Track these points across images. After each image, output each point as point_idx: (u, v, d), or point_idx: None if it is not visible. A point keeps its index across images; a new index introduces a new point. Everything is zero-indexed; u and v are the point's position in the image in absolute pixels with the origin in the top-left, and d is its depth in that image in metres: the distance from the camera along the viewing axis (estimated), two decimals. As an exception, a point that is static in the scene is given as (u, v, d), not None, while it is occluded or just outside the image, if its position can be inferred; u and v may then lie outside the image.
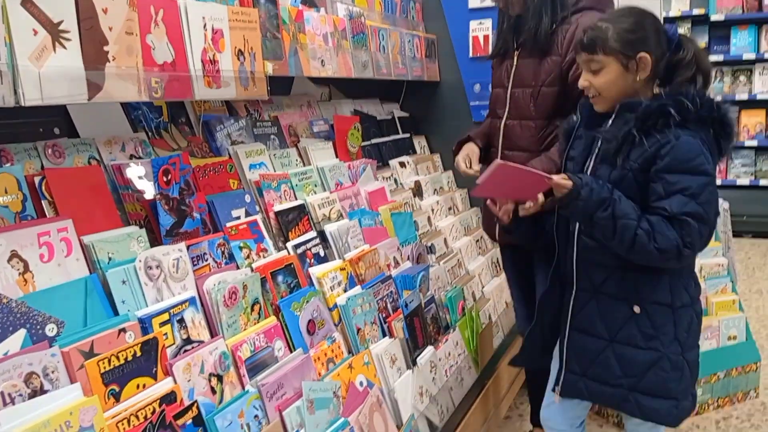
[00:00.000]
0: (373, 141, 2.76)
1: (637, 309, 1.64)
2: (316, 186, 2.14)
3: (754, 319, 3.86)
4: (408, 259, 2.33)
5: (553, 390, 1.83)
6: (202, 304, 1.47)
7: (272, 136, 2.14)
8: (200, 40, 1.54)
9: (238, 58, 1.66)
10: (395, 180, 2.73)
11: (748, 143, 5.98)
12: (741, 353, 2.80)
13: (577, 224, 1.70)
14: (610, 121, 1.64)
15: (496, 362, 2.46)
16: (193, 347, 1.38)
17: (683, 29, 6.36)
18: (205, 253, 1.55)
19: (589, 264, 1.69)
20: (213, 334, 1.47)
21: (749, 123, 6.01)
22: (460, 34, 3.09)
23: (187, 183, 1.57)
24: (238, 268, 1.65)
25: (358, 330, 1.84)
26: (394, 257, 2.25)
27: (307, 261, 1.88)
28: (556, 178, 1.59)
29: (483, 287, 2.77)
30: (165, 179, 1.50)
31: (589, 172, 1.66)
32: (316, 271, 1.85)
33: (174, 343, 1.35)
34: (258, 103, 2.21)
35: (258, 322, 1.58)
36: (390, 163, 2.77)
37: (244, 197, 1.80)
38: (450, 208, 2.99)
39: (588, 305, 1.71)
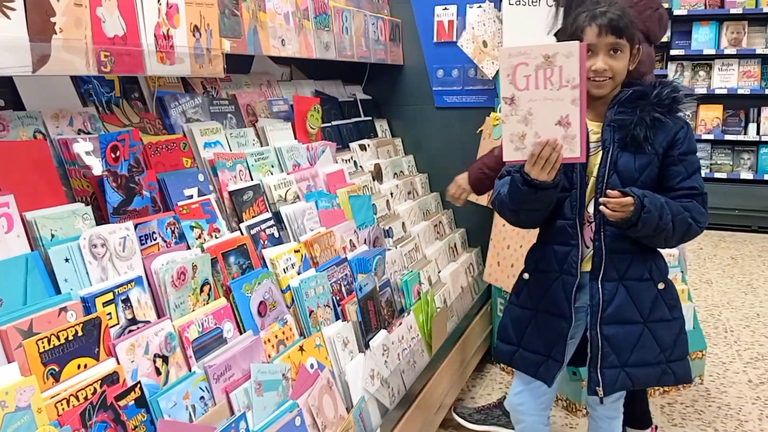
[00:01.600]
0: (334, 123, 2.74)
1: (661, 285, 1.75)
2: (272, 167, 2.12)
3: (703, 308, 3.97)
4: (365, 242, 2.34)
5: (593, 393, 1.77)
6: (150, 285, 1.45)
7: (229, 115, 2.11)
8: (154, 14, 1.50)
9: (194, 35, 1.62)
10: (355, 163, 2.72)
11: (705, 137, 6.12)
12: (688, 341, 2.88)
13: (599, 218, 1.69)
14: (615, 109, 1.68)
15: (449, 346, 2.49)
16: (138, 328, 1.36)
17: (647, 22, 6.44)
18: (153, 232, 1.52)
19: (614, 254, 1.72)
20: (160, 314, 1.45)
21: (707, 117, 6.14)
22: (424, 19, 3.08)
23: (137, 160, 1.54)
24: (188, 248, 1.63)
25: (311, 312, 1.84)
26: (351, 240, 2.25)
27: (260, 242, 1.87)
28: (614, 195, 1.61)
29: (439, 272, 2.79)
30: (113, 156, 1.46)
31: (608, 162, 1.67)
32: (269, 252, 1.84)
33: (118, 324, 1.33)
34: (216, 81, 2.17)
35: (207, 303, 1.57)
36: (350, 145, 2.76)
37: (197, 176, 1.77)
38: (409, 193, 2.99)
39: (617, 295, 1.72)
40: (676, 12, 6.15)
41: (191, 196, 1.74)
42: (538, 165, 1.56)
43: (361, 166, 2.75)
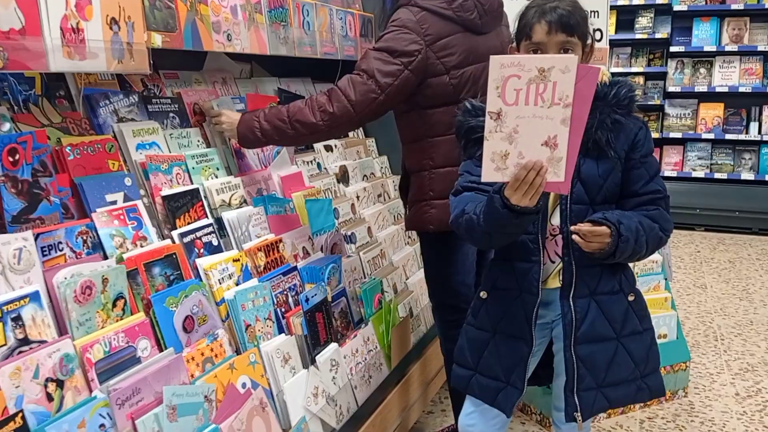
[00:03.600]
0: (297, 122, 2.60)
1: (631, 297, 1.65)
2: (218, 170, 2.00)
3: (695, 315, 3.82)
4: (321, 249, 2.21)
5: (572, 419, 1.63)
6: (52, 300, 1.33)
7: (171, 115, 1.99)
8: (60, 6, 1.37)
9: (111, 28, 1.50)
10: (319, 165, 2.59)
11: (705, 136, 5.95)
12: (671, 352, 2.74)
13: (567, 231, 1.55)
14: None
15: (413, 359, 2.36)
16: (31, 348, 1.24)
17: (646, 19, 6.29)
18: (60, 243, 1.40)
19: (584, 268, 1.59)
20: (63, 333, 1.33)
21: (707, 116, 5.97)
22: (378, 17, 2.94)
23: (43, 163, 1.42)
24: (106, 258, 1.51)
25: (248, 327, 1.71)
26: (304, 247, 2.12)
27: (195, 251, 1.74)
28: (585, 228, 1.49)
29: (407, 279, 2.66)
30: (11, 159, 1.34)
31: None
32: (203, 262, 1.71)
33: (6, 344, 1.21)
34: (159, 78, 2.05)
35: (122, 319, 1.45)
36: (315, 146, 2.63)
37: (123, 180, 1.65)
38: (379, 195, 2.86)
39: (589, 312, 1.60)
40: (676, 8, 5.98)
41: (115, 202, 1.62)
42: (521, 190, 1.40)
43: (325, 168, 2.62)
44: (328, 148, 2.69)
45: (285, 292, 1.91)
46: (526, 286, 1.62)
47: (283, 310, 1.88)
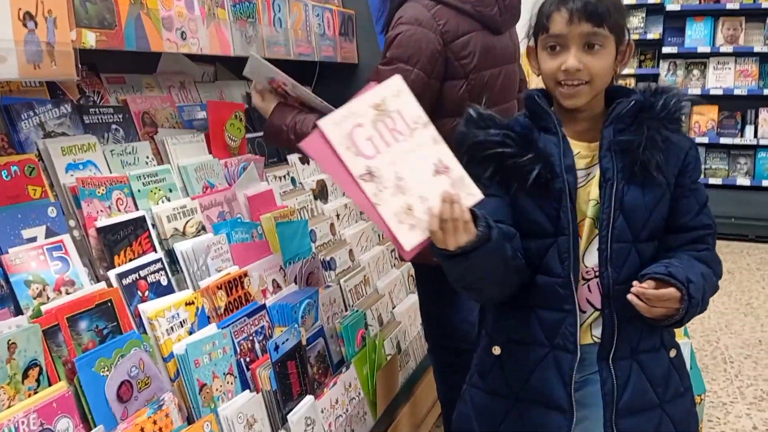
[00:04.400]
0: (268, 132, 2.30)
1: (673, 352, 1.39)
2: (171, 191, 1.69)
3: (699, 333, 3.58)
4: (295, 280, 1.91)
5: None
6: (-64, 376, 1.03)
7: (114, 127, 1.68)
8: (-51, -7, 1.07)
9: (25, 25, 1.19)
10: (293, 180, 2.30)
11: (699, 140, 5.72)
12: (684, 386, 2.47)
13: (608, 276, 1.28)
14: (615, 126, 1.28)
15: (401, 403, 2.08)
16: None
17: (637, 18, 6.06)
18: (-50, 299, 1.10)
19: (626, 322, 1.30)
20: (-50, 418, 1.03)
21: (701, 119, 5.75)
22: (376, 12, 2.65)
23: (-70, 197, 1.11)
24: (19, 313, 1.20)
25: (202, 387, 1.41)
26: (274, 280, 1.82)
27: (138, 295, 1.44)
28: (651, 291, 1.19)
29: (394, 308, 2.37)
30: None
31: (613, 200, 1.26)
32: (146, 308, 1.41)
33: None
34: (100, 83, 1.74)
35: (36, 393, 1.14)
36: (288, 158, 2.33)
37: (46, 210, 1.35)
38: (362, 213, 2.57)
39: (632, 376, 1.31)
40: (669, 7, 5.75)
41: (34, 239, 1.31)
42: (448, 233, 1.15)
43: (300, 183, 2.32)
44: (304, 160, 2.40)
45: (251, 338, 1.61)
46: (559, 342, 1.31)
47: (248, 360, 1.58)
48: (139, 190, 1.60)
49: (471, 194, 1.19)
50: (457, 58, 1.78)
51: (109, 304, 1.34)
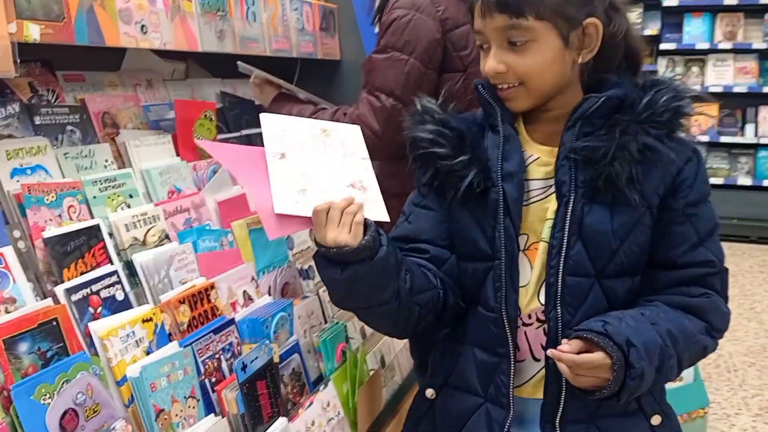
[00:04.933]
0: (244, 132, 2.18)
1: (657, 419, 1.11)
2: (132, 197, 1.57)
3: (700, 340, 3.46)
4: (268, 292, 1.79)
5: None
6: None
7: (70, 128, 1.55)
8: None
9: (-52, 13, 1.07)
10: (271, 183, 2.17)
11: (700, 138, 5.61)
12: (688, 398, 2.36)
13: (555, 315, 1.05)
14: (578, 129, 1.06)
15: (383, 419, 1.95)
16: None
17: (635, 14, 5.94)
18: None
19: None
20: None
21: (700, 117, 5.61)
22: (362, 3, 2.53)
23: None
24: (-55, 335, 1.08)
25: (159, 413, 1.29)
26: (245, 292, 1.70)
27: (89, 312, 1.31)
28: (568, 355, 0.96)
29: (379, 318, 2.24)
30: None
31: (569, 221, 1.03)
32: (97, 327, 1.28)
33: None
34: (55, 80, 1.61)
35: (-39, 427, 1.02)
36: (266, 160, 2.21)
37: (-17, 221, 1.22)
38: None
39: None
40: (666, 2, 5.65)
41: (-31, 252, 1.18)
42: (330, 223, 1.02)
43: (279, 187, 2.20)
44: (283, 163, 2.27)
45: (217, 357, 1.49)
46: (491, 393, 1.11)
47: (214, 380, 1.46)
48: (94, 197, 1.47)
49: (377, 213, 1.10)
50: (455, 49, 1.67)
51: (55, 323, 1.22)
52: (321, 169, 1.12)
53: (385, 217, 1.09)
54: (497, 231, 1.07)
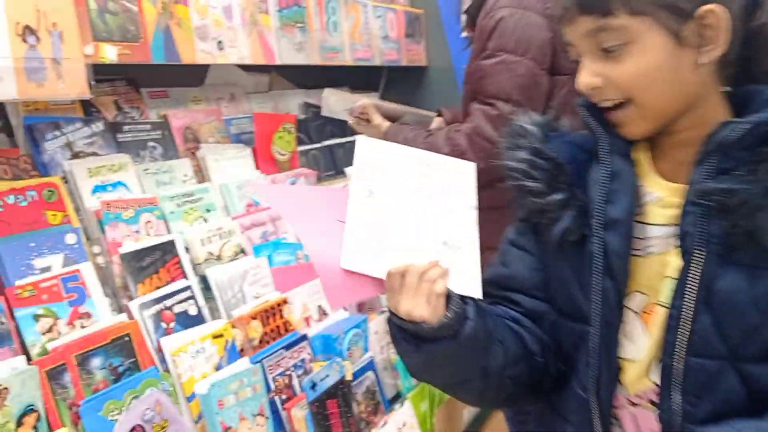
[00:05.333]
0: (326, 143, 2.17)
1: None
2: (209, 211, 1.59)
3: None
4: (344, 306, 1.76)
5: None
6: None
7: (152, 144, 1.59)
8: (-62, 10, 1.00)
9: (25, 40, 1.11)
10: (352, 193, 2.15)
11: None
12: None
13: (670, 401, 0.82)
14: (711, 164, 0.80)
15: (464, 441, 1.88)
16: None
17: None
18: (-60, 340, 1.02)
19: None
20: (-68, 472, 0.95)
21: None
22: (450, 8, 2.47)
23: None
24: (24, 351, 1.12)
25: (227, 430, 1.29)
26: (320, 306, 1.68)
27: (162, 327, 1.33)
28: None
29: (462, 333, 2.17)
30: None
31: (698, 286, 0.80)
32: (168, 343, 1.30)
33: None
34: (140, 98, 1.66)
35: (32, 441, 1.05)
36: (346, 171, 2.19)
37: (63, 238, 1.26)
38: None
39: None
40: None
41: (49, 268, 1.23)
42: (405, 290, 0.83)
43: (360, 198, 2.17)
44: (365, 173, 2.25)
45: (288, 373, 1.48)
46: None
47: (284, 398, 1.45)
48: (171, 212, 1.50)
49: (467, 286, 0.88)
50: (563, 50, 1.58)
51: (127, 338, 1.24)
52: (412, 216, 0.91)
53: (477, 293, 0.88)
54: (593, 290, 0.86)
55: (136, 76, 1.67)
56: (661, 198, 0.85)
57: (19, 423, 1.04)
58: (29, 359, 1.11)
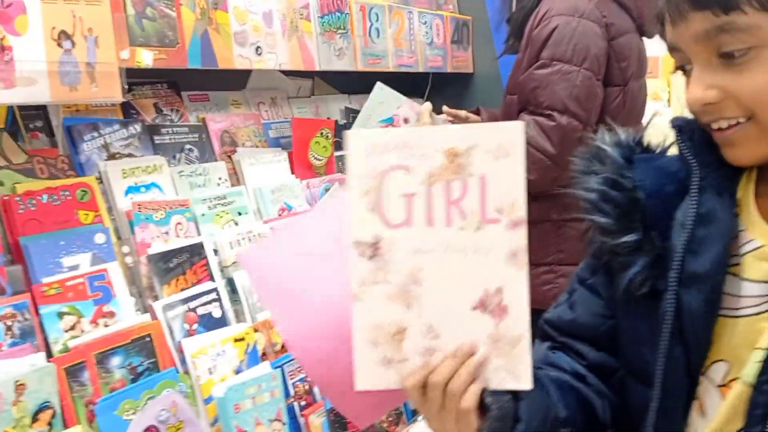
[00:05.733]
0: (366, 149, 2.16)
1: None
2: (240, 215, 1.60)
3: None
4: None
5: None
6: (-61, 415, 0.99)
7: (188, 147, 1.62)
8: (-25, 16, 1.04)
9: (60, 44, 1.14)
10: (390, 200, 2.14)
11: None
12: None
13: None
14: None
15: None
16: None
17: None
18: (-35, 333, 1.06)
19: None
20: (-50, 460, 0.98)
21: None
22: (497, 14, 2.42)
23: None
24: (46, 348, 1.15)
25: (242, 435, 1.30)
26: (347, 314, 1.67)
27: (185, 329, 1.35)
28: None
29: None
30: None
31: None
32: (190, 344, 1.32)
33: None
34: (180, 101, 1.69)
35: (48, 436, 1.08)
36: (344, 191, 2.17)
37: (92, 237, 1.30)
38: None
39: None
40: None
41: (77, 267, 1.26)
42: (432, 405, 0.70)
43: (398, 205, 2.16)
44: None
45: (309, 380, 1.48)
46: None
47: (303, 403, 1.45)
48: (203, 214, 1.52)
49: (513, 375, 0.70)
50: (617, 59, 1.53)
51: (148, 338, 1.27)
52: (434, 272, 0.71)
53: (526, 384, 0.71)
54: (660, 358, 0.71)
55: (179, 79, 1.70)
56: (762, 247, 0.69)
57: (35, 419, 1.07)
58: (51, 356, 1.15)
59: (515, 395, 0.72)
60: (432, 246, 0.71)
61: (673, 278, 0.70)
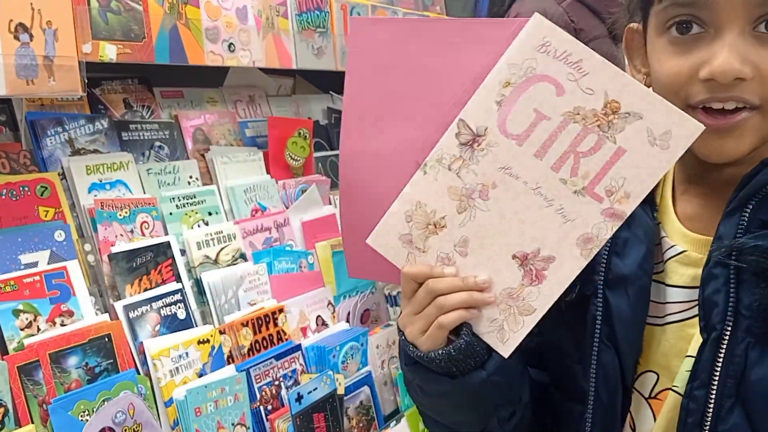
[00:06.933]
0: (346, 150, 2.14)
1: None
2: (211, 214, 1.58)
3: None
4: (347, 318, 1.73)
5: None
6: None
7: (158, 144, 1.59)
8: (-73, 5, 1.01)
9: (17, 37, 1.11)
10: (370, 202, 2.11)
11: None
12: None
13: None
14: (732, 211, 0.66)
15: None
16: None
17: None
18: None
19: None
20: None
21: None
22: (482, 12, 2.40)
23: None
24: (1, 345, 1.13)
25: (202, 439, 1.27)
26: (319, 317, 1.65)
27: (147, 329, 1.32)
28: None
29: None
30: None
31: (726, 370, 0.63)
32: (151, 345, 1.29)
33: None
34: (152, 97, 1.66)
35: (-4, 437, 1.05)
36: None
37: (52, 234, 1.27)
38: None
39: None
40: None
41: (35, 264, 1.23)
42: (414, 305, 0.69)
43: (378, 207, 2.13)
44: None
45: (277, 383, 1.45)
46: None
47: (270, 408, 1.42)
48: (171, 213, 1.49)
49: (500, 334, 0.68)
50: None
51: (107, 339, 1.24)
52: (515, 194, 0.68)
53: (504, 350, 0.69)
54: (591, 367, 0.69)
55: (152, 75, 1.67)
56: (684, 252, 0.67)
57: (-16, 418, 1.04)
58: (6, 354, 1.12)
59: (489, 350, 0.71)
60: (524, 176, 0.68)
61: (600, 280, 0.69)
